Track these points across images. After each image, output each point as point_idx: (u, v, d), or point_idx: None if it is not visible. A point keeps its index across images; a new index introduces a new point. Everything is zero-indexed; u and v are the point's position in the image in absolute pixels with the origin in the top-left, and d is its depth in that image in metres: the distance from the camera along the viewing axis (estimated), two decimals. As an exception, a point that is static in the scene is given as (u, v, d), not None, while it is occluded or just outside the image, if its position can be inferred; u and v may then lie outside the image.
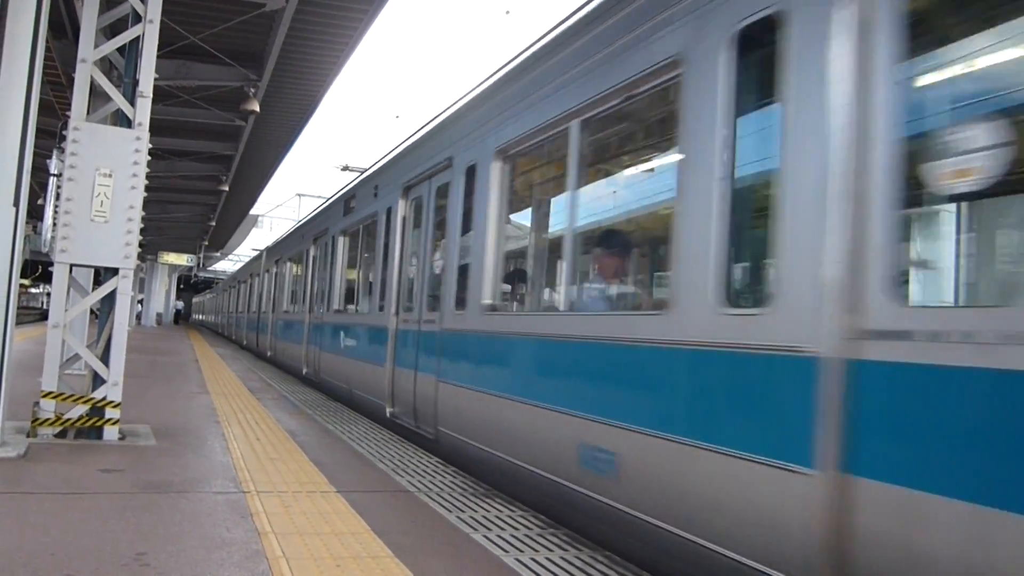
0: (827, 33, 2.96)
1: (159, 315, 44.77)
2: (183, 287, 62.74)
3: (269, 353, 18.35)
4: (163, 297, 47.11)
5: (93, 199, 5.96)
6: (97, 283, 6.72)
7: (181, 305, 61.66)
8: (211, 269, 55.86)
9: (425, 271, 7.51)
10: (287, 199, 66.82)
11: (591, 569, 3.69)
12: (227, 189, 21.66)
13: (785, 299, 3.05)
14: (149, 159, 6.20)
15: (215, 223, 30.34)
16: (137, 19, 6.38)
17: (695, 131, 3.67)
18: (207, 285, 62.63)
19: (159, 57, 6.45)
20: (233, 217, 31.73)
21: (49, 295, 7.96)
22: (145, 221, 6.50)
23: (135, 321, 33.56)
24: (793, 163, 3.08)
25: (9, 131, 5.39)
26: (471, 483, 5.47)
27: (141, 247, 6.30)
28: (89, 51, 6.21)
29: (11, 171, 5.38)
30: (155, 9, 6.35)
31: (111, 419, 6.12)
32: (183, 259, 38.91)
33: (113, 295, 6.25)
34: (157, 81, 6.44)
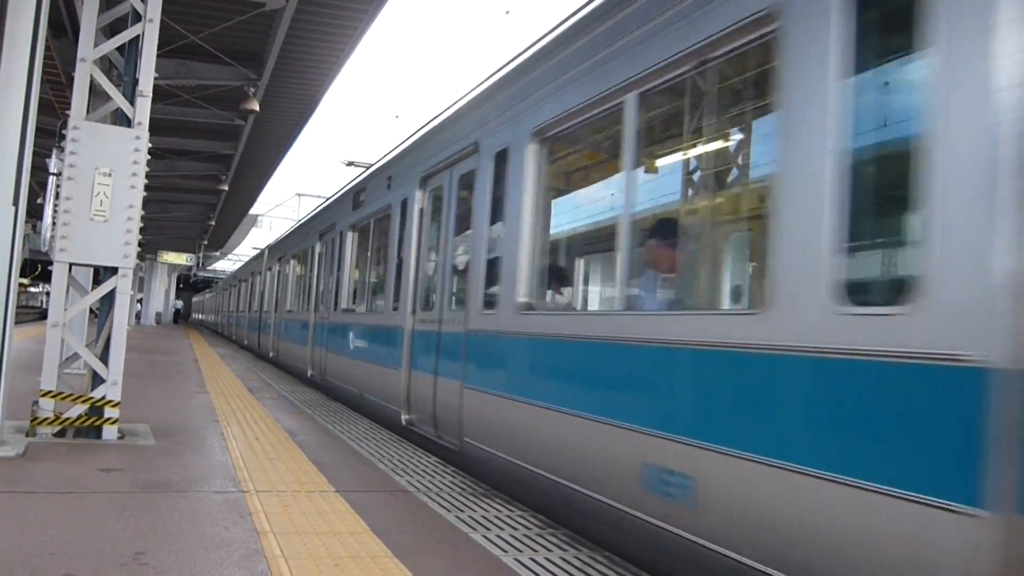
0: None
1: (158, 314, 44.79)
2: (182, 286, 62.77)
3: (271, 354, 17.97)
4: (162, 296, 47.16)
5: (93, 198, 5.96)
6: (96, 282, 6.72)
7: (180, 304, 61.75)
8: (210, 268, 55.86)
9: (446, 267, 6.90)
10: (287, 199, 66.99)
11: (590, 569, 3.69)
12: (227, 188, 21.67)
13: (939, 295, 2.49)
14: (149, 158, 6.21)
15: (215, 222, 30.36)
16: (137, 18, 6.39)
17: (801, 96, 3.11)
18: (206, 284, 62.57)
19: (159, 56, 6.46)
20: (233, 216, 31.73)
21: (48, 294, 7.95)
22: (145, 220, 6.50)
23: (134, 320, 33.60)
24: (946, 127, 2.52)
25: (9, 130, 5.40)
26: (470, 483, 5.47)
27: (141, 246, 6.30)
28: (89, 50, 6.21)
29: (11, 170, 5.39)
30: (155, 8, 6.36)
31: (110, 418, 6.13)
32: (182, 258, 38.98)
33: (112, 294, 6.25)
34: (157, 80, 6.45)
